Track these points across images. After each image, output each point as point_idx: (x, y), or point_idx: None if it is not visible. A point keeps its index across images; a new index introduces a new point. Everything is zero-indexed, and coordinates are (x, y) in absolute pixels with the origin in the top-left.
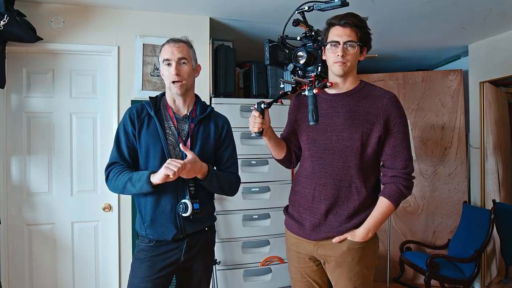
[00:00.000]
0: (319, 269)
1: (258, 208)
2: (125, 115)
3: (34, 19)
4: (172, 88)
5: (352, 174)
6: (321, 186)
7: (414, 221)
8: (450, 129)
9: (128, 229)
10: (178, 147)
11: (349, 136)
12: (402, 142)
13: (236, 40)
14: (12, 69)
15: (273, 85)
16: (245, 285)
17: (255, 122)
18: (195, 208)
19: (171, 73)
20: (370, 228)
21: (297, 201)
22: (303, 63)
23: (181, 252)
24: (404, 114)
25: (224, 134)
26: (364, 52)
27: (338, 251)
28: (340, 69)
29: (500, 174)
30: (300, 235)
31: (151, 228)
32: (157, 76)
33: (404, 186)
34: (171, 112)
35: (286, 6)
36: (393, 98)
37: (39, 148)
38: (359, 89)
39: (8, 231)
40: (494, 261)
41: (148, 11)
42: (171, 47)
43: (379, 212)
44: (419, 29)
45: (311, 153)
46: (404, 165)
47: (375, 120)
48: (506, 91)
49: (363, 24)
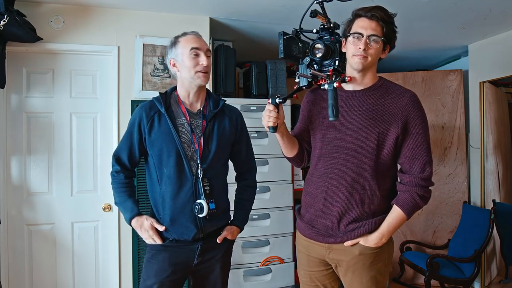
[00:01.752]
0: (330, 273)
1: (258, 208)
2: (135, 112)
3: (34, 19)
4: (196, 78)
5: (366, 176)
6: (334, 187)
7: (414, 221)
8: (450, 129)
9: (128, 229)
10: (193, 144)
11: (365, 136)
12: (422, 144)
13: (236, 40)
14: (12, 69)
15: (273, 85)
16: (245, 285)
17: (270, 116)
18: (211, 208)
19: (199, 62)
20: (384, 234)
21: (309, 202)
22: (320, 56)
23: (195, 255)
24: (424, 114)
25: (239, 127)
26: (387, 49)
27: (350, 255)
28: (359, 62)
29: (500, 174)
30: (313, 238)
31: (172, 229)
32: (157, 76)
33: (420, 196)
34: (183, 108)
35: (286, 6)
36: (414, 97)
37: (39, 148)
38: (377, 86)
39: (8, 231)
40: (494, 261)
41: (148, 11)
42: (198, 38)
43: (393, 218)
44: (419, 29)
45: (323, 152)
46: (422, 168)
47: (393, 120)
48: (506, 91)
49: (391, 20)
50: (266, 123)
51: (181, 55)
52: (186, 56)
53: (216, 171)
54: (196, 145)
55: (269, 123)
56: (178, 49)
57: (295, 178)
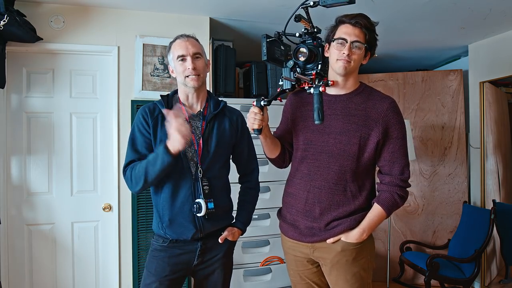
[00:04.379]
0: (318, 270)
1: (258, 208)
2: (138, 115)
3: (34, 19)
4: (188, 82)
5: (347, 178)
6: (316, 188)
7: (414, 221)
8: (450, 129)
9: (128, 229)
10: (193, 145)
11: (347, 140)
12: (401, 148)
13: (236, 40)
14: (12, 69)
15: (273, 85)
16: (245, 285)
17: (255, 119)
18: (210, 207)
19: (186, 67)
20: (365, 229)
21: (290, 203)
22: (303, 60)
23: (195, 255)
24: (403, 120)
25: (240, 128)
26: (368, 56)
27: (333, 253)
28: (343, 67)
29: (500, 174)
30: (296, 238)
31: (170, 228)
32: (157, 76)
33: (399, 196)
34: (184, 110)
35: (286, 6)
36: (393, 103)
37: (39, 148)
38: (359, 91)
39: (8, 231)
40: (494, 261)
41: (148, 11)
42: (185, 43)
43: (374, 215)
44: (419, 29)
45: (306, 155)
46: (401, 171)
47: (374, 125)
48: (506, 91)
49: (373, 27)
50: (251, 125)
51: (172, 62)
52: (175, 63)
53: (216, 172)
54: (196, 146)
55: (254, 125)
56: (170, 56)
57: None
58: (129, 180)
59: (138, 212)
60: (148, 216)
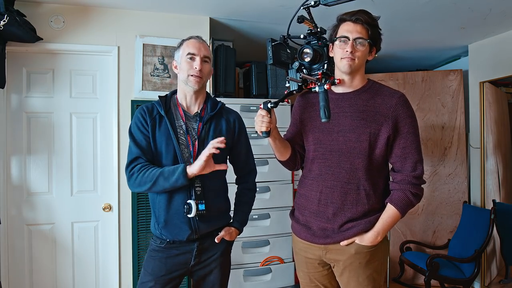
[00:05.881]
0: (329, 273)
1: (258, 208)
2: (136, 114)
3: (34, 19)
4: (189, 81)
5: (359, 177)
6: (328, 188)
7: (414, 221)
8: (450, 129)
9: (128, 229)
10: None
11: (356, 138)
12: (412, 143)
13: (236, 40)
14: (12, 69)
15: (273, 85)
16: (245, 285)
17: (263, 121)
18: (200, 209)
19: (193, 66)
20: (380, 232)
21: (303, 204)
22: (308, 60)
23: (192, 255)
24: (414, 114)
25: (237, 130)
26: (373, 52)
27: (346, 255)
28: (347, 65)
29: (500, 174)
30: (308, 239)
31: (166, 229)
32: (157, 76)
33: (413, 194)
34: (181, 110)
35: (286, 6)
36: (402, 97)
37: (39, 148)
38: (366, 88)
39: (8, 231)
40: (494, 261)
41: (148, 11)
42: (199, 44)
43: (388, 216)
44: (419, 29)
45: (317, 155)
46: (413, 167)
47: (384, 121)
48: (506, 91)
49: (375, 22)
50: (259, 128)
51: (180, 58)
52: (183, 59)
53: (211, 173)
54: (191, 147)
55: (262, 128)
56: (180, 52)
57: (295, 178)
58: (133, 180)
59: (138, 212)
60: (148, 216)
